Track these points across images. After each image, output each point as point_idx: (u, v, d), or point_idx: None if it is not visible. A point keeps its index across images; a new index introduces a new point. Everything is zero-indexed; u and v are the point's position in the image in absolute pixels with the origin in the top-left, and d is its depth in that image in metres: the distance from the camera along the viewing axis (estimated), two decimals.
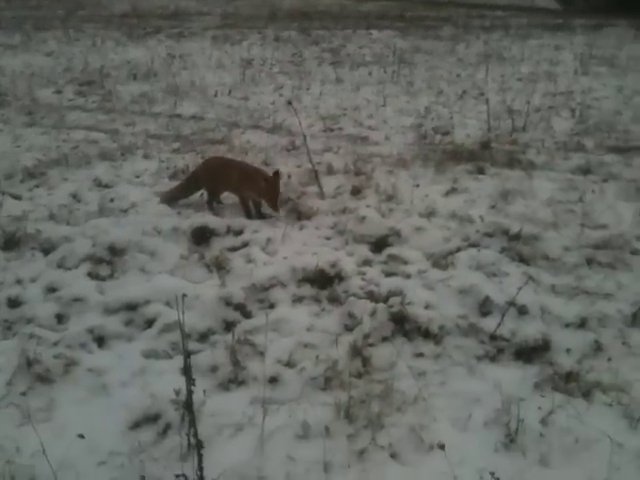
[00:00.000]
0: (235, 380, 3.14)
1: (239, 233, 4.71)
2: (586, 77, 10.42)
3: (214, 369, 3.19)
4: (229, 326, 3.58)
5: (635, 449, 2.70)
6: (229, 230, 4.73)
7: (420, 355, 3.37)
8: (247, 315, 3.73)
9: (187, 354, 2.22)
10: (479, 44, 14.13)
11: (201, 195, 5.27)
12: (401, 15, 20.36)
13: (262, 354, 3.27)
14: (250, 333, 3.48)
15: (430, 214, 4.98)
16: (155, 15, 19.64)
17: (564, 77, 10.44)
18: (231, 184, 5.05)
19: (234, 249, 4.49)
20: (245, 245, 4.53)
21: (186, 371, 2.22)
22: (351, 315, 3.65)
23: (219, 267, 4.22)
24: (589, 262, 4.28)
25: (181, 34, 15.64)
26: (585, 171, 5.97)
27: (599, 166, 6.07)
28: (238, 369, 3.18)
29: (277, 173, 4.81)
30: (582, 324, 3.61)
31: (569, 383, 3.12)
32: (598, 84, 9.89)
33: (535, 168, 6.10)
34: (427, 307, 3.71)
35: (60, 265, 4.13)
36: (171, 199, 5.19)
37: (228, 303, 3.74)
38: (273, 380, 3.13)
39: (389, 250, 4.46)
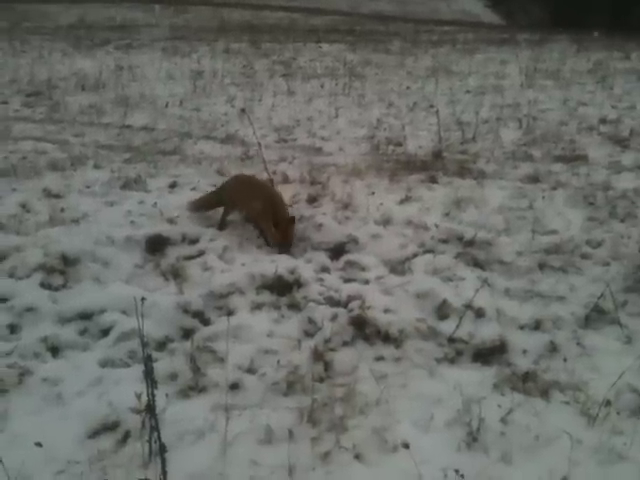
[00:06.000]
0: (195, 387, 3.09)
1: (195, 242, 4.66)
2: (532, 90, 10.70)
3: (173, 376, 3.14)
4: (187, 333, 3.53)
5: (594, 445, 2.76)
6: (184, 239, 4.67)
7: (381, 358, 3.38)
8: (205, 322, 3.68)
9: (148, 357, 2.18)
10: (427, 58, 14.38)
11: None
12: (350, 29, 20.64)
13: (222, 360, 3.23)
14: (209, 340, 3.45)
15: (386, 222, 5.03)
16: (103, 27, 19.40)
17: (511, 90, 10.70)
18: (252, 212, 4.85)
19: (190, 257, 4.44)
20: (201, 254, 4.49)
21: (147, 374, 2.18)
22: (311, 321, 3.65)
23: (175, 275, 4.17)
24: (541, 266, 4.38)
25: (129, 45, 15.48)
26: (534, 179, 6.12)
27: (547, 175, 6.23)
28: (198, 376, 3.13)
29: (292, 220, 4.59)
30: (537, 326, 3.68)
31: (527, 383, 3.18)
32: (544, 96, 10.16)
33: (485, 177, 6.22)
34: (386, 311, 3.72)
35: (11, 275, 4.00)
36: (197, 208, 5.11)
37: (186, 310, 3.69)
38: (234, 386, 3.09)
39: (347, 257, 4.48)
